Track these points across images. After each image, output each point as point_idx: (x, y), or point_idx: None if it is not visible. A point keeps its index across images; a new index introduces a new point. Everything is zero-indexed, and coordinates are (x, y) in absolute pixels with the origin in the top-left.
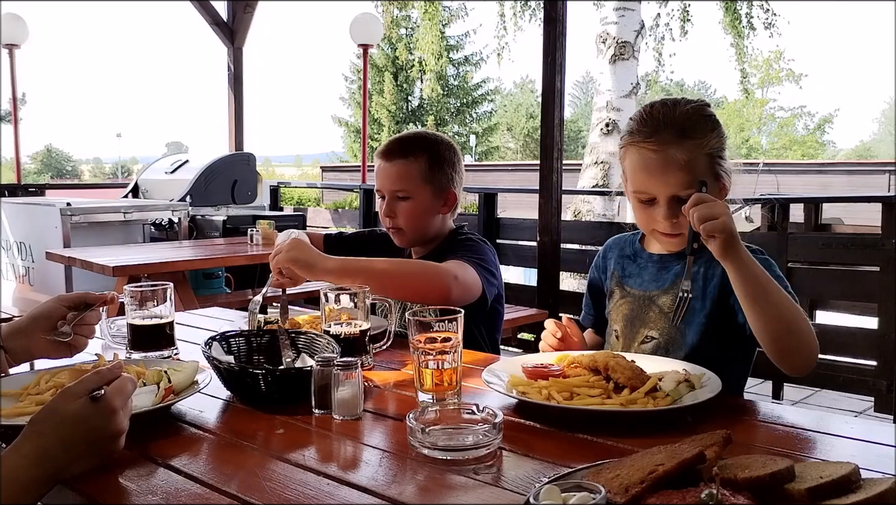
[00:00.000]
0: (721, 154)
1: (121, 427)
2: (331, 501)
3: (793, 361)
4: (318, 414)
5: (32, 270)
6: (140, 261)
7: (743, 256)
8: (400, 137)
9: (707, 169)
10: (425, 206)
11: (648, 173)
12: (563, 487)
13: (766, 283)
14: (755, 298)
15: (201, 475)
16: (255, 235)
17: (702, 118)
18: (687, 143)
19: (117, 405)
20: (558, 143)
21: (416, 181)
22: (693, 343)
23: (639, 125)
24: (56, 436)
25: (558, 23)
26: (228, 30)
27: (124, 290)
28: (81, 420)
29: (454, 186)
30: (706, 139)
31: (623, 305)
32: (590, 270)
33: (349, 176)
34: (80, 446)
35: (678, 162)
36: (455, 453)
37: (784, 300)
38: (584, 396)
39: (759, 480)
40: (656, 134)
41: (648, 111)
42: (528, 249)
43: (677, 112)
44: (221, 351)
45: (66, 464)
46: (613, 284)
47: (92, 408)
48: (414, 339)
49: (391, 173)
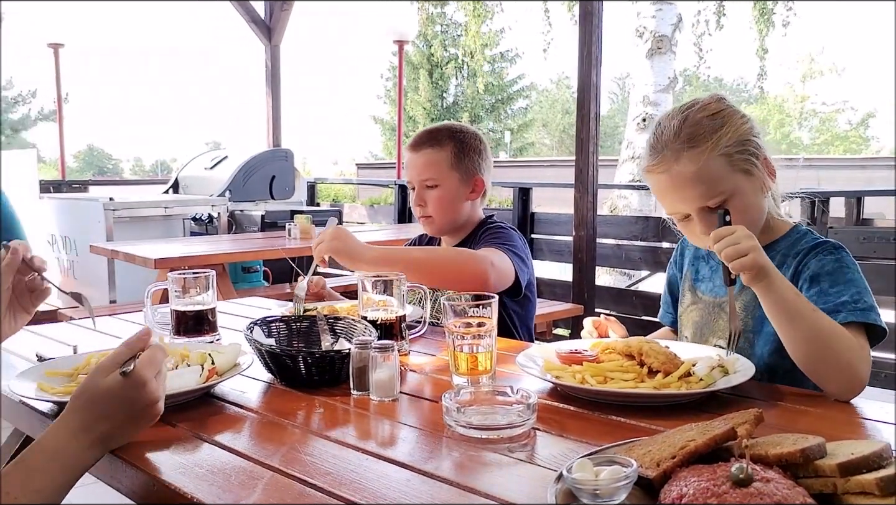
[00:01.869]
0: (744, 146)
1: (154, 396)
2: (370, 474)
3: (828, 388)
4: (355, 395)
5: (76, 264)
6: (181, 254)
7: (773, 284)
8: (426, 129)
9: (726, 169)
10: (453, 193)
11: (665, 195)
12: (595, 462)
13: (795, 310)
14: (782, 323)
15: (245, 450)
16: (292, 230)
17: (704, 120)
18: (691, 154)
19: (147, 376)
20: (594, 138)
21: (443, 169)
22: (763, 354)
23: (646, 150)
24: (94, 410)
25: (594, 17)
26: (266, 28)
27: (168, 277)
28: (115, 394)
29: (481, 173)
30: (713, 140)
31: (693, 311)
32: (668, 267)
33: (385, 173)
34: (118, 417)
35: (688, 176)
36: (490, 432)
37: (817, 327)
38: (617, 381)
39: (789, 455)
40: (660, 154)
41: (651, 133)
42: (563, 244)
43: (675, 124)
44: (262, 335)
45: (108, 435)
46: (686, 287)
47: (123, 382)
48: (449, 323)
49: (419, 163)
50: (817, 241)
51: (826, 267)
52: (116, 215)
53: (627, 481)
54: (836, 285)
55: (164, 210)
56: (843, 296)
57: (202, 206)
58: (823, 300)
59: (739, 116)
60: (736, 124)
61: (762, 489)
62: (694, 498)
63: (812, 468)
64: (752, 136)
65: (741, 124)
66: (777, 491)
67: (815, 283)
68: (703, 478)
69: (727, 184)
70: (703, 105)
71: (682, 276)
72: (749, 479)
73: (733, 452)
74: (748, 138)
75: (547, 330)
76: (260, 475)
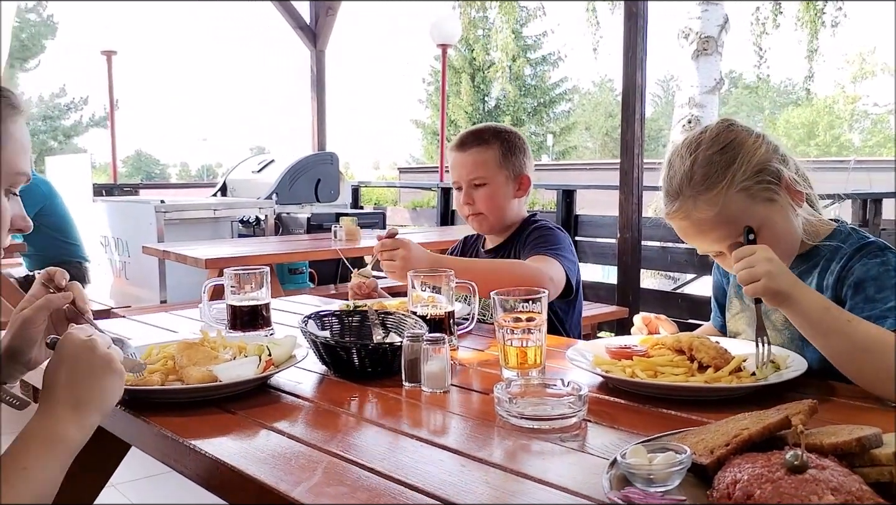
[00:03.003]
0: (761, 175)
1: (82, 342)
2: (425, 459)
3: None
4: (407, 387)
5: (128, 265)
6: (230, 254)
7: (795, 305)
8: (471, 130)
9: (747, 204)
10: (502, 190)
11: (691, 239)
12: (649, 449)
13: (826, 327)
14: (814, 340)
15: (302, 436)
16: (338, 232)
17: (714, 157)
18: (707, 197)
19: (68, 332)
20: (639, 139)
21: (492, 167)
22: (813, 361)
23: (664, 196)
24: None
25: (639, 18)
26: (311, 33)
27: (225, 273)
28: (56, 363)
29: (527, 171)
30: (727, 178)
31: (741, 318)
32: (713, 272)
33: (426, 177)
34: (76, 379)
35: (709, 221)
36: (541, 423)
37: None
38: (668, 375)
39: (845, 444)
40: (677, 201)
41: (664, 175)
42: (607, 247)
43: (686, 166)
44: (316, 328)
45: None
46: (733, 294)
47: (56, 353)
48: (499, 318)
49: (467, 162)
50: (862, 242)
51: (871, 272)
52: (167, 217)
53: (681, 467)
54: (882, 290)
55: (213, 212)
56: (890, 301)
57: (250, 208)
58: (871, 307)
59: (752, 141)
60: (749, 153)
61: (818, 476)
62: (748, 484)
63: (868, 457)
64: (768, 162)
65: (755, 150)
66: (833, 478)
67: (860, 289)
68: (757, 465)
69: (752, 219)
70: (712, 138)
71: (727, 281)
72: (804, 466)
73: (787, 441)
74: (765, 165)
75: (591, 333)
76: (319, 459)
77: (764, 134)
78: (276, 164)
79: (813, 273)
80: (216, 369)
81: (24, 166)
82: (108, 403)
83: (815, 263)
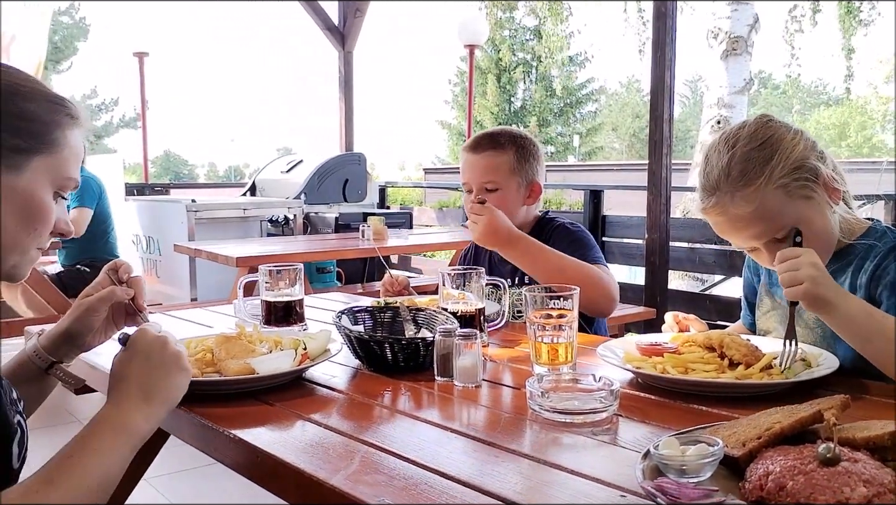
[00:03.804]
0: (799, 172)
1: (155, 338)
2: (459, 450)
3: None
4: (440, 381)
5: (159, 263)
6: (259, 253)
7: (835, 312)
8: (487, 132)
9: (785, 200)
10: (512, 197)
11: (728, 235)
12: (682, 441)
13: (867, 332)
14: (854, 345)
15: (338, 427)
16: (366, 231)
17: (752, 153)
18: (745, 193)
19: (145, 330)
20: (667, 140)
21: (505, 173)
22: (846, 359)
23: (700, 191)
24: (130, 382)
25: (668, 17)
26: (339, 34)
27: (259, 270)
28: (129, 360)
29: (539, 178)
30: (766, 174)
31: (772, 316)
32: (743, 270)
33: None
34: (147, 372)
35: (746, 217)
36: (573, 417)
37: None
38: (698, 371)
39: (878, 438)
40: (713, 197)
41: (701, 170)
42: (634, 247)
43: (724, 161)
44: (349, 323)
45: (149, 393)
46: (763, 292)
47: (128, 347)
48: (530, 314)
49: (480, 165)
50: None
51: None
52: (198, 216)
53: (714, 459)
54: None
55: (243, 212)
56: None
57: (279, 208)
58: None
59: (791, 137)
60: (787, 149)
61: (850, 469)
62: (781, 476)
63: None
64: (806, 159)
65: (793, 147)
66: (865, 470)
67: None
68: (789, 457)
69: (789, 216)
70: (750, 134)
71: (758, 280)
72: (837, 458)
73: (819, 434)
74: (803, 162)
75: (619, 333)
76: (355, 449)
77: (802, 130)
78: (304, 165)
79: (847, 271)
80: (254, 362)
81: (74, 173)
82: (176, 397)
83: (848, 260)
